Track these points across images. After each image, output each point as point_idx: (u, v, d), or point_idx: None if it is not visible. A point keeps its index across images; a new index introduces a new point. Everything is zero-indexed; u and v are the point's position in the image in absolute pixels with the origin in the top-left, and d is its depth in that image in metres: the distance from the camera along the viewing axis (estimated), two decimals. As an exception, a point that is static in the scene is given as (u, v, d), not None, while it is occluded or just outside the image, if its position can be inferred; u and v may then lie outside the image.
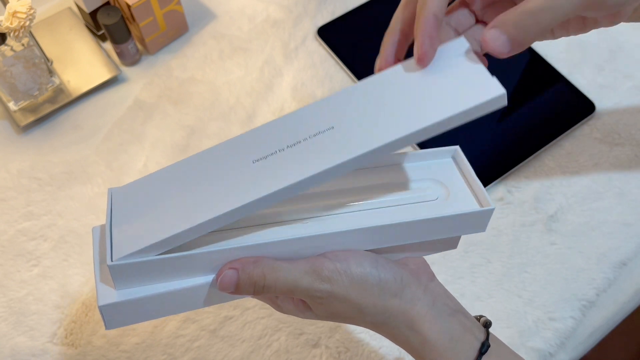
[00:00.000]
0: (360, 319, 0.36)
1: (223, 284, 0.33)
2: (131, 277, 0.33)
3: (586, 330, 0.54)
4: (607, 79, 0.68)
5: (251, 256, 0.34)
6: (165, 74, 0.70)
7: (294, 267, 0.34)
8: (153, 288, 0.33)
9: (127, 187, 0.37)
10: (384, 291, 0.35)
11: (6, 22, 0.57)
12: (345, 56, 0.70)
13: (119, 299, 0.33)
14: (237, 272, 0.33)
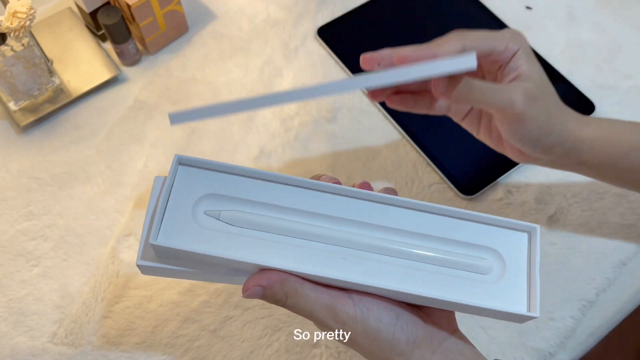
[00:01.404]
0: (363, 355, 0.38)
1: (249, 296, 0.35)
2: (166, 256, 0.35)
3: (586, 330, 0.54)
4: (607, 79, 0.68)
5: (281, 273, 0.35)
6: (166, 74, 0.70)
7: (315, 298, 0.35)
8: None
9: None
10: (393, 348, 0.35)
11: (6, 22, 0.57)
12: (345, 56, 0.70)
13: (153, 264, 0.36)
14: (262, 289, 0.35)
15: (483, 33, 0.42)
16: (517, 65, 0.42)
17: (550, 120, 0.43)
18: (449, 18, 0.74)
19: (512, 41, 0.42)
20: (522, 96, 0.40)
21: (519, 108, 0.40)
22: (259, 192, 0.36)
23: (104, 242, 0.59)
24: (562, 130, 0.44)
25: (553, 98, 0.44)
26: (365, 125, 0.66)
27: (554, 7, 0.75)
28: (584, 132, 0.45)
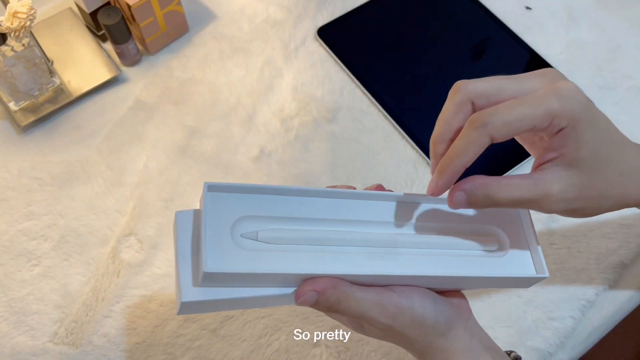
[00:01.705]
0: (404, 347, 0.39)
1: (303, 302, 0.35)
2: (218, 282, 0.35)
3: (586, 330, 0.54)
4: (607, 79, 0.68)
5: (331, 278, 0.35)
6: (166, 74, 0.70)
7: (364, 298, 0.36)
8: (233, 291, 0.35)
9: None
10: (435, 331, 0.37)
11: (7, 23, 0.57)
12: (345, 56, 0.70)
13: (201, 297, 0.34)
14: (317, 294, 0.35)
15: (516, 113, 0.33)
16: (561, 143, 0.34)
17: (602, 205, 0.36)
18: (449, 18, 0.74)
19: (558, 116, 0.33)
20: (555, 205, 0.35)
21: (553, 210, 0.35)
22: (286, 208, 0.38)
23: (104, 242, 0.59)
24: (629, 204, 0.38)
25: (612, 175, 0.36)
26: (365, 125, 0.66)
27: (554, 7, 0.75)
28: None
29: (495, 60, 0.70)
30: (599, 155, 0.35)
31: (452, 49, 0.71)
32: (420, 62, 0.70)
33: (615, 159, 0.36)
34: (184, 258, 0.35)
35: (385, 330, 0.37)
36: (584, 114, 0.33)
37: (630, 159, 0.37)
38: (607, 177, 0.36)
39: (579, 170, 0.34)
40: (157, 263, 0.57)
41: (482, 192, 0.35)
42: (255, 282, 0.36)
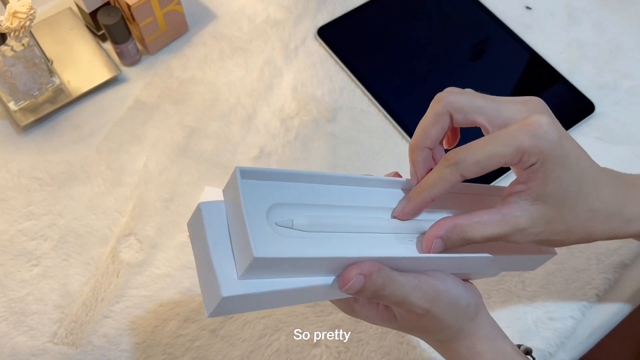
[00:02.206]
0: (434, 336, 0.39)
1: (350, 288, 0.34)
2: (263, 271, 0.32)
3: (586, 330, 0.54)
4: (607, 79, 0.68)
5: (374, 262, 0.34)
6: (166, 74, 0.70)
7: (405, 282, 0.35)
8: (275, 283, 0.33)
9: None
10: (466, 315, 0.38)
11: (6, 22, 0.57)
12: (345, 56, 0.70)
13: (243, 291, 0.32)
14: (364, 278, 0.34)
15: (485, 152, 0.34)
16: (528, 177, 0.34)
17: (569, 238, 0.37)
18: (448, 18, 0.74)
19: (528, 153, 0.33)
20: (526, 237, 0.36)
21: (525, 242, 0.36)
22: (315, 195, 0.37)
23: (104, 242, 0.59)
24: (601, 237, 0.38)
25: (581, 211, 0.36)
26: (365, 125, 0.66)
27: (554, 7, 0.75)
28: None
29: (495, 60, 0.70)
30: (568, 192, 0.35)
31: (452, 48, 0.71)
32: (420, 62, 0.70)
33: (585, 195, 0.36)
34: (218, 250, 0.33)
35: (422, 317, 0.36)
36: (554, 151, 0.33)
37: (602, 197, 0.37)
38: (575, 213, 0.36)
39: (546, 205, 0.35)
40: (157, 263, 0.57)
41: (456, 235, 0.36)
42: (301, 269, 0.34)
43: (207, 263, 0.33)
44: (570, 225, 0.36)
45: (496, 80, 0.69)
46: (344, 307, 0.40)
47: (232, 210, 0.34)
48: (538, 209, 0.35)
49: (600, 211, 0.37)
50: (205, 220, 0.34)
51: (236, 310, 0.34)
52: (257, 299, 0.33)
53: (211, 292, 0.32)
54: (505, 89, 0.68)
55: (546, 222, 0.35)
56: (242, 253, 0.32)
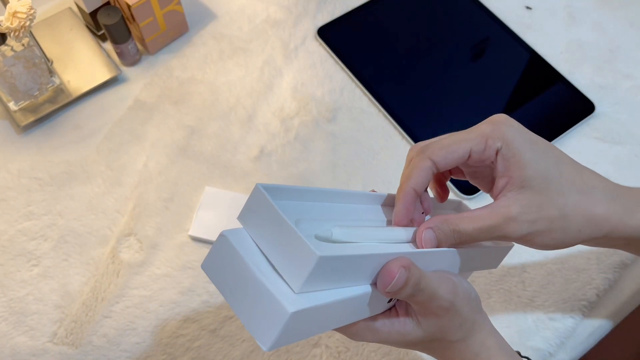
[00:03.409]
0: (452, 335, 0.38)
1: (397, 282, 0.33)
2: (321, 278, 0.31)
3: (586, 330, 0.54)
4: (607, 79, 0.68)
5: (405, 257, 0.35)
6: (166, 74, 0.70)
7: (432, 276, 0.35)
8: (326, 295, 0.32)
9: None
10: (477, 306, 0.39)
11: (6, 22, 0.57)
12: (345, 56, 0.70)
13: (308, 304, 0.30)
14: (406, 272, 0.34)
15: (451, 138, 0.37)
16: (505, 166, 0.36)
17: (567, 227, 0.36)
18: (449, 18, 0.74)
19: (491, 137, 0.36)
20: (519, 226, 0.35)
21: (519, 238, 0.36)
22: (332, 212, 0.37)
23: (104, 242, 0.59)
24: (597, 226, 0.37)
25: (568, 191, 0.36)
26: (365, 125, 0.66)
27: (554, 7, 0.75)
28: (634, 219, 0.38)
29: (495, 60, 0.70)
30: (549, 174, 0.36)
31: (452, 48, 0.71)
32: (420, 61, 0.70)
33: (570, 179, 0.36)
34: (264, 273, 0.31)
35: (446, 312, 0.36)
36: (517, 134, 0.36)
37: (588, 179, 0.37)
38: (565, 196, 0.36)
39: (532, 190, 0.35)
40: (157, 263, 0.57)
41: (447, 227, 0.36)
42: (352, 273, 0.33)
43: (254, 288, 0.30)
44: (564, 210, 0.36)
45: (496, 80, 0.69)
46: (364, 333, 0.38)
47: (265, 228, 0.32)
48: (525, 195, 0.35)
49: (591, 192, 0.37)
50: (237, 247, 0.31)
51: (298, 335, 0.32)
52: (316, 315, 0.31)
53: (270, 318, 0.30)
54: (505, 89, 0.68)
55: (537, 207, 0.35)
56: (297, 263, 0.30)
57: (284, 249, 0.31)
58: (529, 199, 0.35)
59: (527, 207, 0.35)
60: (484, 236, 0.36)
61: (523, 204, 0.35)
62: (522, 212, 0.35)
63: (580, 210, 0.36)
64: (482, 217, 0.36)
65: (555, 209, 0.36)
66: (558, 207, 0.36)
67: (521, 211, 0.35)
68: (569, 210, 0.36)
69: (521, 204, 0.35)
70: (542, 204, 0.35)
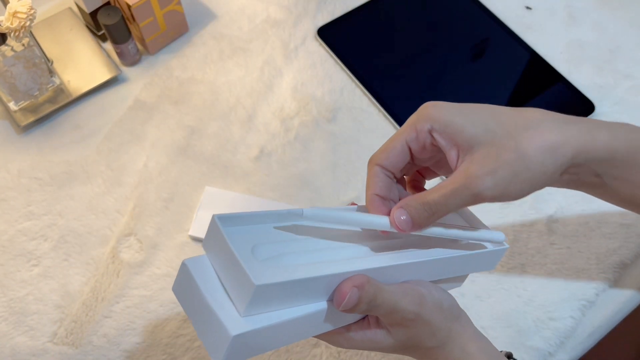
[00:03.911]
0: (428, 342, 0.39)
1: (348, 303, 0.35)
2: (264, 302, 0.33)
3: (586, 330, 0.54)
4: (607, 79, 0.68)
5: (361, 275, 0.36)
6: (166, 74, 0.70)
7: (392, 289, 0.37)
8: (277, 315, 0.34)
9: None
10: (451, 315, 0.39)
11: (6, 22, 0.57)
12: (345, 56, 0.70)
13: (249, 327, 0.32)
14: (358, 290, 0.35)
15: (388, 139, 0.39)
16: (446, 139, 0.37)
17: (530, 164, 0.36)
18: (448, 18, 0.74)
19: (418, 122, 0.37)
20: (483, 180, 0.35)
21: (489, 192, 0.36)
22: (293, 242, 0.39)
23: (104, 242, 0.59)
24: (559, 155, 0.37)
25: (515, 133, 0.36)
26: (365, 125, 0.66)
27: (554, 7, 0.75)
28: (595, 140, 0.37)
29: (495, 60, 0.70)
30: (489, 126, 0.36)
31: (452, 48, 0.71)
32: (420, 61, 0.70)
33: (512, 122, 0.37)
34: (214, 297, 0.33)
35: (413, 322, 0.37)
36: (441, 108, 0.37)
37: (531, 116, 0.37)
38: (513, 138, 0.36)
39: (481, 146, 0.36)
40: (157, 263, 0.57)
41: (416, 202, 0.37)
42: (298, 294, 0.35)
43: (206, 312, 0.33)
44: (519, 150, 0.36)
45: (496, 80, 0.69)
46: (339, 340, 0.40)
47: (219, 255, 0.34)
48: (477, 153, 0.36)
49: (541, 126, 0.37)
50: (193, 274, 0.34)
51: (250, 352, 0.34)
52: (264, 334, 0.33)
53: (217, 338, 0.32)
54: (505, 89, 0.68)
55: (493, 157, 0.35)
56: (240, 290, 0.32)
57: (233, 275, 0.33)
58: (482, 154, 0.36)
59: (482, 160, 0.36)
60: (454, 202, 0.36)
61: (478, 160, 0.36)
62: (480, 166, 0.35)
63: (534, 143, 0.36)
64: (446, 183, 0.36)
65: (510, 152, 0.36)
66: (511, 149, 0.36)
67: (479, 166, 0.35)
68: (524, 148, 0.36)
69: (477, 160, 0.36)
70: (496, 153, 0.36)
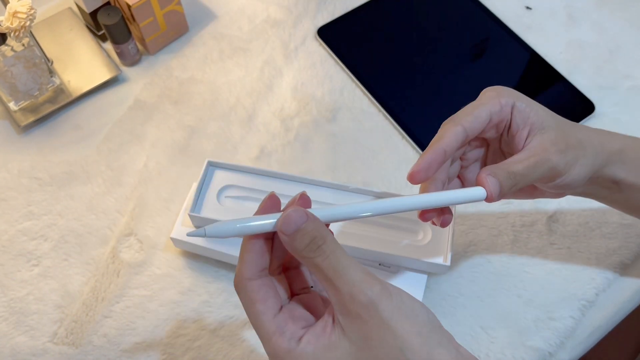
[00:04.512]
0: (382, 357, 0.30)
1: (288, 219, 0.31)
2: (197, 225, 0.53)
3: (586, 330, 0.54)
4: (607, 79, 0.68)
5: None
6: (166, 74, 0.70)
7: (348, 257, 0.31)
8: None
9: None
10: (434, 334, 0.30)
11: (6, 22, 0.57)
12: (345, 56, 0.70)
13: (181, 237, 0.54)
14: (307, 217, 0.32)
15: (470, 107, 0.41)
16: (523, 117, 0.41)
17: (585, 152, 0.41)
18: (448, 18, 0.74)
19: (502, 97, 0.41)
20: (557, 156, 0.40)
21: (562, 168, 0.40)
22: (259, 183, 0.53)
23: (104, 242, 0.59)
24: (595, 152, 0.42)
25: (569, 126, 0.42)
26: (365, 125, 0.66)
27: (554, 7, 0.75)
28: (612, 145, 0.43)
29: (495, 60, 0.70)
30: (555, 116, 0.42)
31: (452, 48, 0.71)
32: (420, 61, 0.70)
33: (566, 120, 0.43)
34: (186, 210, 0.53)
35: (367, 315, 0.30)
36: (517, 92, 0.42)
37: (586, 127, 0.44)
38: (573, 128, 0.42)
39: (551, 129, 0.41)
40: (157, 263, 0.57)
41: (503, 171, 0.39)
42: None
43: None
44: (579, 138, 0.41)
45: (496, 80, 0.69)
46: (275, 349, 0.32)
47: None
48: (548, 133, 0.40)
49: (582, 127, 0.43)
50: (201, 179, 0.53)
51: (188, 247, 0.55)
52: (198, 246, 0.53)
53: None
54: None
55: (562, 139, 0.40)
56: None
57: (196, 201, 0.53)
58: (554, 134, 0.40)
59: (555, 140, 0.40)
60: (534, 173, 0.39)
61: (551, 138, 0.40)
62: (553, 143, 0.40)
63: (586, 137, 0.42)
64: (525, 157, 0.40)
65: (573, 138, 0.41)
66: (574, 137, 0.41)
67: (553, 143, 0.40)
68: (582, 138, 0.42)
69: (550, 138, 0.40)
70: (563, 136, 0.41)
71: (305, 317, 0.34)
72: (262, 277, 0.34)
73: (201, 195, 0.53)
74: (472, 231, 0.58)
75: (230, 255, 0.53)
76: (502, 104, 0.41)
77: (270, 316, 0.33)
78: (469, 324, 0.54)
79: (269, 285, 0.34)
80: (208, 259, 0.57)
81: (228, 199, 0.53)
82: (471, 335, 0.53)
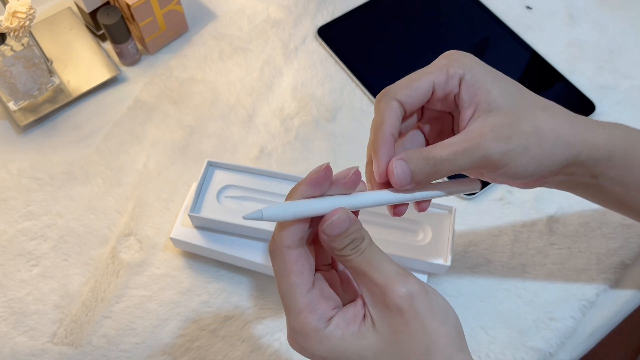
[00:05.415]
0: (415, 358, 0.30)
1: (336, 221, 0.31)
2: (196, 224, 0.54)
3: (586, 330, 0.54)
4: (607, 78, 0.68)
5: None
6: (165, 74, 0.70)
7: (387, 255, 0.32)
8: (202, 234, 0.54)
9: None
10: (457, 338, 0.31)
11: (6, 22, 0.57)
12: (345, 56, 0.70)
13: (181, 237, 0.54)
14: (349, 223, 0.31)
15: (412, 76, 0.36)
16: (470, 93, 0.35)
17: (542, 143, 0.35)
18: (448, 18, 0.74)
19: (451, 66, 0.35)
20: (494, 143, 0.34)
21: (497, 158, 0.34)
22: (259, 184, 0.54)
23: (103, 242, 0.59)
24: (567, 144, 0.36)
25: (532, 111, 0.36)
26: (365, 125, 0.66)
27: (554, 7, 0.75)
28: (595, 137, 0.37)
29: (496, 60, 0.70)
30: (514, 96, 0.35)
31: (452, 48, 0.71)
32: (420, 62, 0.70)
33: (533, 100, 0.36)
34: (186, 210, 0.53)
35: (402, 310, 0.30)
36: (475, 61, 0.35)
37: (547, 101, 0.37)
38: (534, 113, 0.36)
39: (501, 111, 0.35)
40: (157, 263, 0.57)
41: (419, 155, 0.34)
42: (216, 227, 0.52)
43: None
44: (536, 125, 0.35)
45: (496, 80, 0.69)
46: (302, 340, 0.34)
47: None
48: (495, 116, 0.35)
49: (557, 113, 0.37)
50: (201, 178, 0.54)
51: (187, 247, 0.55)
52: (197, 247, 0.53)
53: None
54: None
55: (509, 125, 0.34)
56: None
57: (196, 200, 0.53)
58: (500, 119, 0.34)
59: (499, 125, 0.34)
60: (462, 161, 0.34)
61: (495, 123, 0.34)
62: (495, 129, 0.34)
63: (550, 125, 0.36)
64: (456, 141, 0.34)
65: (527, 124, 0.35)
66: (529, 123, 0.35)
67: (494, 129, 0.34)
68: (541, 125, 0.35)
69: (493, 123, 0.34)
70: (514, 122, 0.35)
71: (333, 297, 0.34)
72: (300, 247, 0.33)
73: (201, 195, 0.53)
74: (472, 231, 0.58)
75: (231, 256, 0.53)
76: (450, 74, 0.35)
77: (304, 290, 0.32)
78: (469, 324, 0.54)
79: (305, 257, 0.33)
80: (208, 259, 0.57)
81: (228, 199, 0.53)
82: (471, 335, 0.53)
